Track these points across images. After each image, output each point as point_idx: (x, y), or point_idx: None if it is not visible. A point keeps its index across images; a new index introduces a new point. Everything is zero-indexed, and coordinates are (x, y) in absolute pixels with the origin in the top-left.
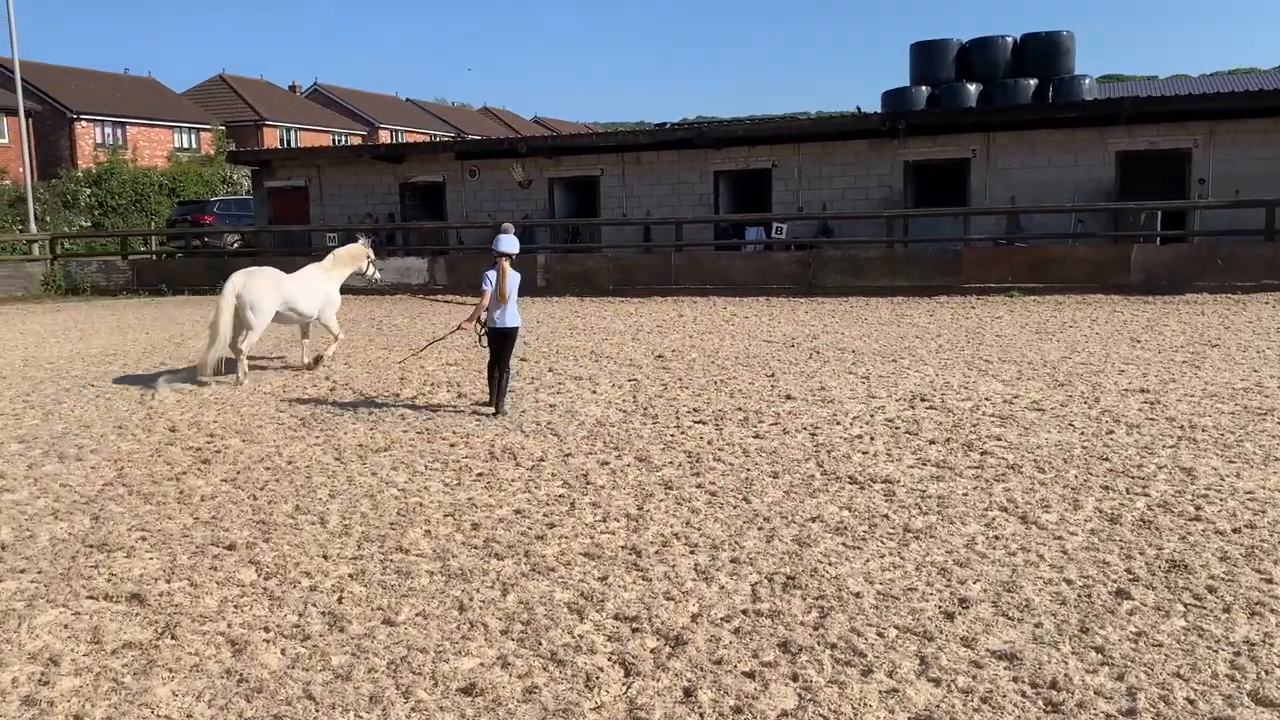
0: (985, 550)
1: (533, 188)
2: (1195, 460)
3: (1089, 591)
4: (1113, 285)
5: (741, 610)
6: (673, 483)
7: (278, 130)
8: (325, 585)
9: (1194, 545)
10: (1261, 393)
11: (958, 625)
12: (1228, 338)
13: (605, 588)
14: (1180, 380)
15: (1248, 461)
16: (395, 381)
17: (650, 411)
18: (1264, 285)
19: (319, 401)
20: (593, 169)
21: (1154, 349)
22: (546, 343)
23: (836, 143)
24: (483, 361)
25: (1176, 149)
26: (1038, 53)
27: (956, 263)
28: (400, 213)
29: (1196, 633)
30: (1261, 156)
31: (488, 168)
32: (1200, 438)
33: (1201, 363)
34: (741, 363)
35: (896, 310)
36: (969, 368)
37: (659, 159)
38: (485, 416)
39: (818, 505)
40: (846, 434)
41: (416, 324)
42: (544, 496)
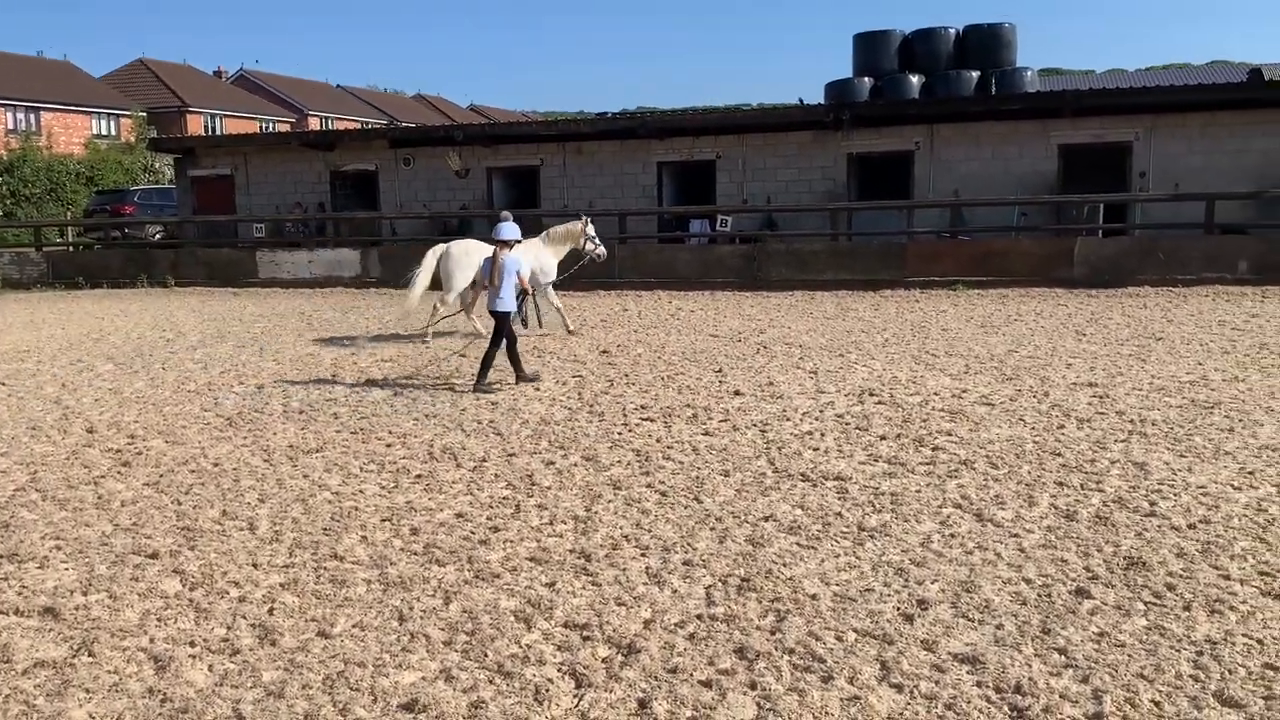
0: (941, 549)
1: (470, 177)
2: (1147, 455)
3: (1049, 591)
4: (1056, 278)
5: (696, 615)
6: (621, 483)
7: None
8: (255, 596)
9: (1151, 542)
10: (1207, 385)
11: (917, 627)
12: (1171, 331)
13: (553, 594)
14: (1128, 374)
15: (1199, 455)
16: (327, 379)
17: (596, 409)
18: (1204, 278)
19: (246, 400)
20: (533, 158)
21: (1100, 342)
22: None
23: (780, 134)
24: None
25: (1118, 142)
26: (980, 45)
27: (901, 256)
28: (331, 202)
29: (1158, 632)
30: (1201, 150)
31: (423, 156)
32: (1151, 432)
33: (1147, 356)
34: (688, 358)
35: (842, 304)
36: (916, 362)
37: (601, 149)
38: (425, 415)
39: (770, 504)
40: (797, 430)
41: (349, 318)
42: (487, 499)
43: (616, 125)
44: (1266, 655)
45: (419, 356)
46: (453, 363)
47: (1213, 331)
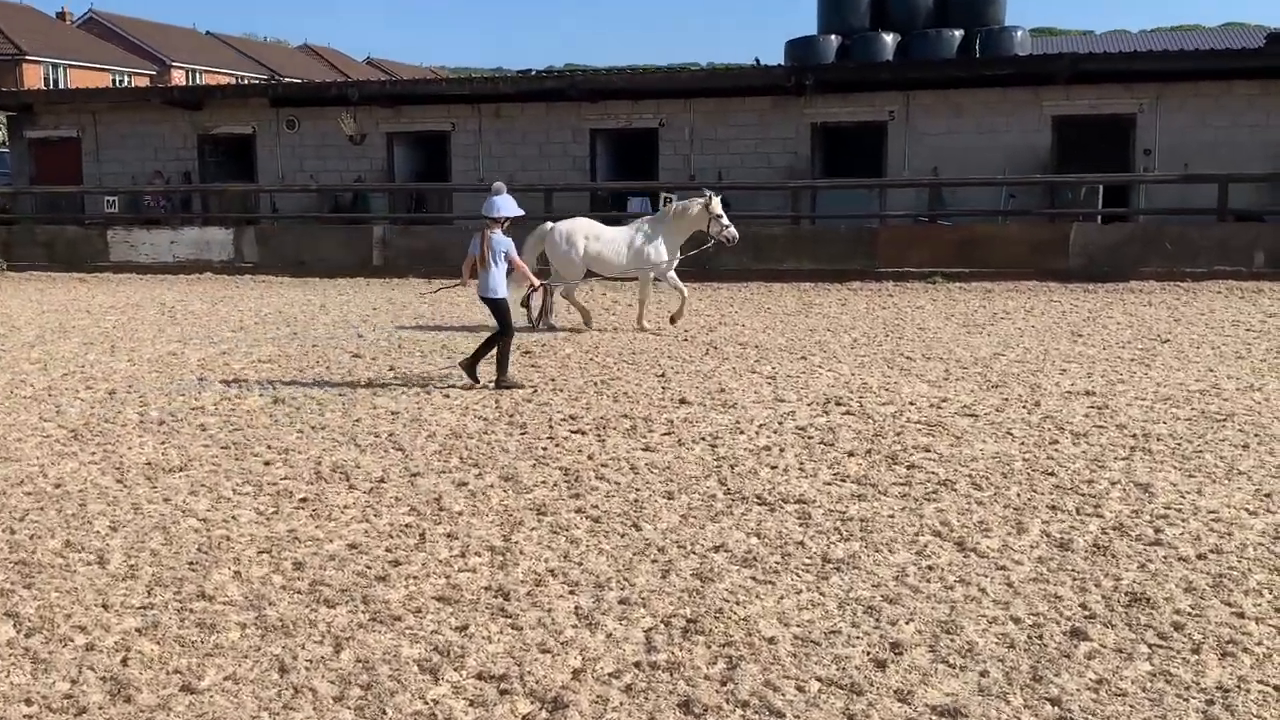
0: (918, 583)
1: (366, 143)
2: (1151, 474)
3: (1040, 632)
4: (1049, 270)
5: (634, 663)
6: (546, 507)
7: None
8: (106, 643)
9: (1155, 575)
10: (1219, 395)
11: (890, 675)
12: (1179, 332)
13: (465, 640)
14: (1129, 381)
15: (1209, 476)
16: (193, 383)
17: (517, 419)
18: (1216, 272)
19: (95, 408)
20: (442, 122)
21: (1098, 345)
22: (386, 335)
23: (734, 99)
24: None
25: (1120, 114)
26: (963, 0)
27: (872, 243)
28: (199, 172)
29: (1164, 678)
30: (1214, 124)
31: (310, 118)
32: (1155, 448)
33: (1152, 361)
34: (626, 360)
35: (804, 298)
36: (889, 366)
37: (523, 113)
38: (311, 427)
39: (721, 531)
40: (752, 445)
41: (220, 310)
42: (386, 527)
43: (542, 86)
44: None
45: (303, 357)
46: (343, 363)
47: (1225, 333)
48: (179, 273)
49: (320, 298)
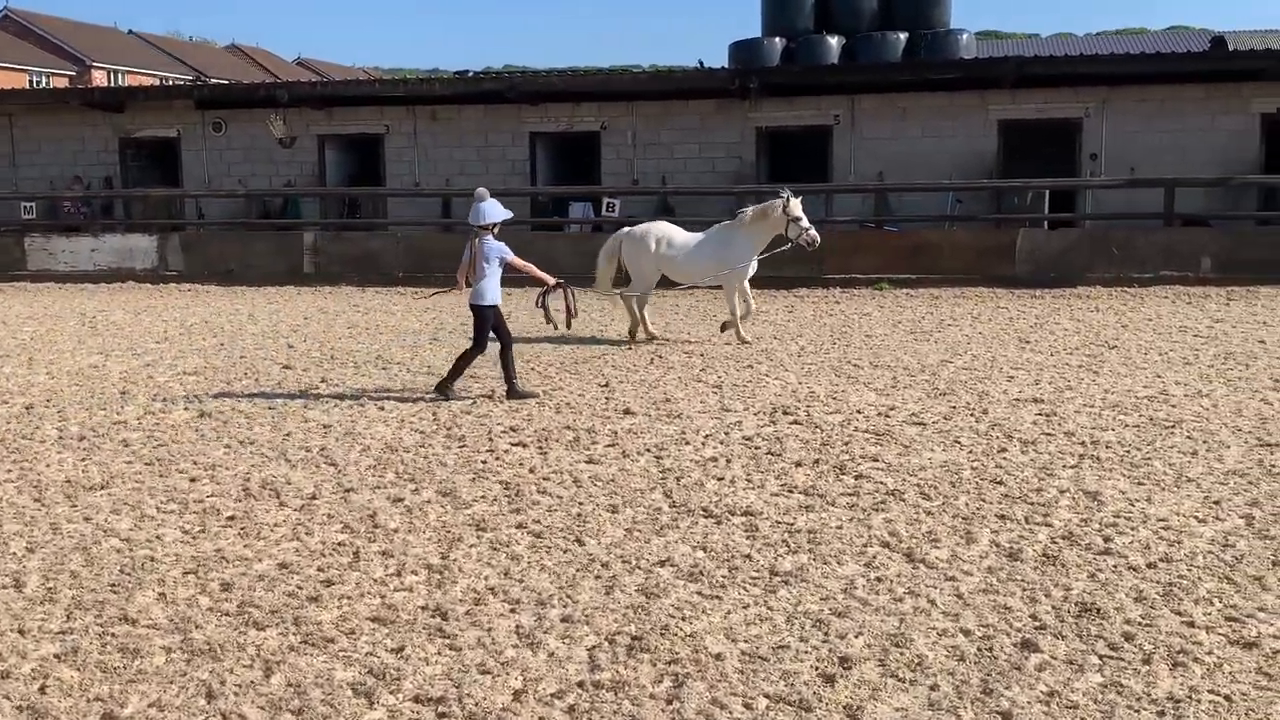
0: (867, 596)
1: (297, 147)
2: (1100, 483)
3: (990, 644)
4: (996, 276)
5: (577, 682)
6: (486, 522)
7: None
8: (22, 670)
9: (1106, 584)
10: (1168, 402)
11: (839, 691)
12: (1126, 338)
13: (401, 662)
14: (1077, 388)
15: (1158, 483)
16: (115, 397)
17: (455, 432)
18: (1163, 277)
19: (11, 424)
20: (375, 125)
21: (1046, 351)
22: (318, 345)
23: (677, 102)
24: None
25: (1066, 118)
26: (908, 2)
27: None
28: (121, 176)
29: (1115, 690)
30: (1160, 129)
31: (237, 120)
32: (1104, 455)
33: (1099, 367)
34: (568, 369)
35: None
36: (836, 374)
37: (461, 115)
38: (239, 441)
39: (666, 545)
40: (698, 456)
41: (143, 321)
42: (318, 545)
43: (480, 87)
44: (1235, 714)
45: (231, 369)
46: (273, 375)
47: (1173, 339)
48: (100, 282)
49: (249, 307)
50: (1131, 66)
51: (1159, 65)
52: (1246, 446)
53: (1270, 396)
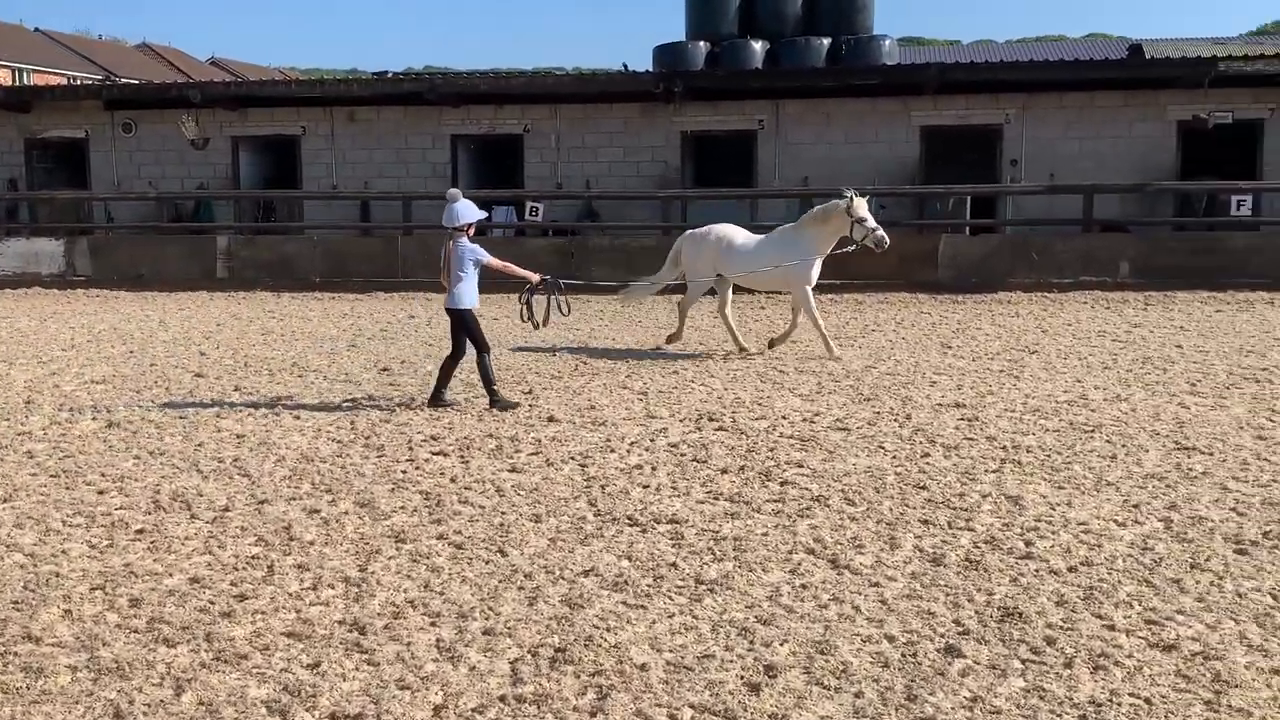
0: (792, 603)
1: (210, 148)
2: (1021, 487)
3: (914, 649)
4: (918, 282)
5: (499, 696)
6: (406, 534)
7: None
8: None
9: (1027, 589)
10: (1087, 406)
11: (765, 700)
12: (1046, 343)
13: (317, 678)
14: (999, 393)
15: (1078, 487)
16: (19, 406)
17: (374, 441)
18: (1082, 282)
19: None
20: (292, 126)
21: (968, 356)
22: (231, 352)
23: (602, 105)
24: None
25: (987, 125)
26: (831, 7)
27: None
28: (26, 178)
29: (1038, 694)
30: (1078, 135)
31: (148, 121)
32: (1025, 460)
33: (1020, 372)
34: None
35: (675, 310)
36: (761, 380)
37: (380, 117)
38: (149, 452)
39: (591, 555)
40: (623, 464)
41: (48, 327)
42: (231, 559)
43: (400, 88)
44: (1155, 716)
45: (141, 377)
46: (185, 383)
47: (1092, 344)
48: (4, 287)
49: (160, 313)
50: (1051, 74)
51: (1078, 73)
52: (1164, 450)
53: (1187, 401)
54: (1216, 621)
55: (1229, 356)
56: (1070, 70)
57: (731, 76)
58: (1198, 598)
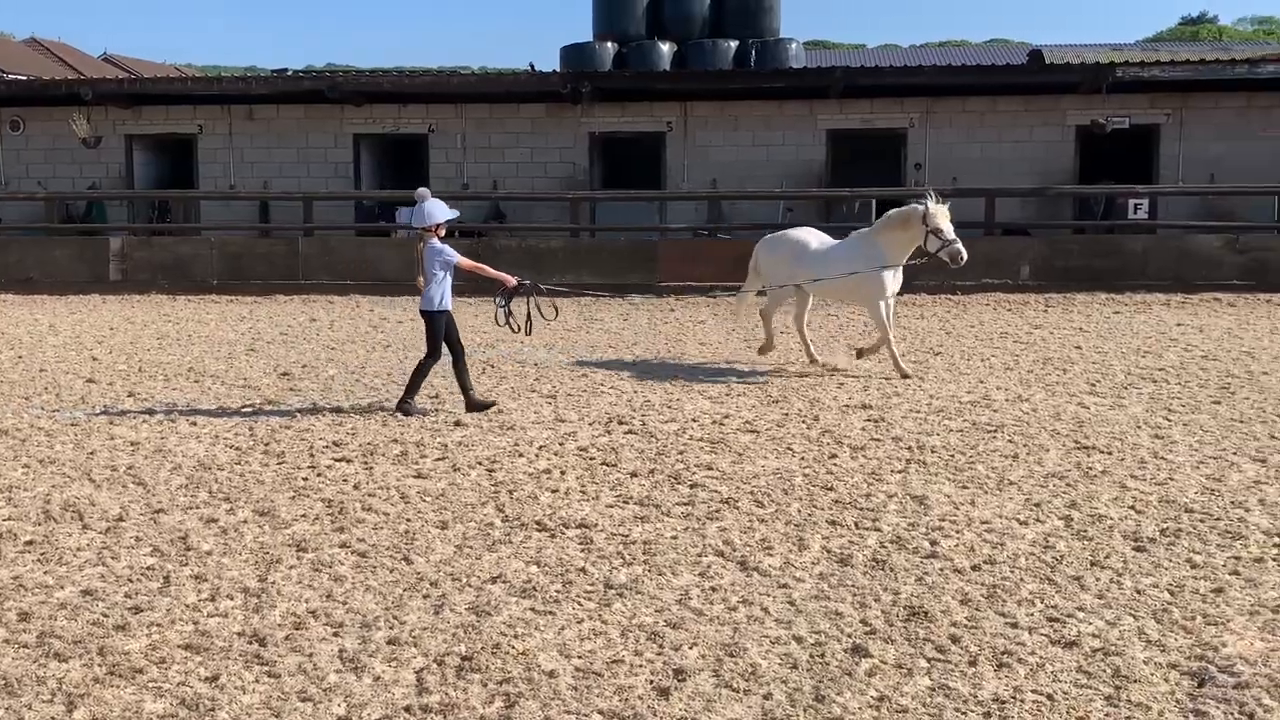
0: (701, 606)
1: (102, 147)
2: (926, 487)
3: (822, 650)
4: None
5: (404, 707)
6: (308, 542)
7: None
8: None
9: (932, 587)
10: (990, 407)
11: (674, 704)
12: (950, 344)
13: (216, 691)
14: (904, 394)
15: (981, 486)
16: None
17: (274, 448)
18: (984, 284)
19: None
20: (188, 125)
21: (873, 359)
22: (125, 357)
23: (508, 106)
24: None
25: (892, 128)
26: (738, 9)
27: (653, 257)
28: None
29: (943, 692)
30: (980, 140)
31: (37, 118)
32: (930, 460)
33: (925, 373)
34: (396, 381)
35: (585, 312)
36: (671, 383)
37: (280, 115)
38: (39, 460)
39: (499, 561)
40: (532, 468)
41: None
42: (125, 570)
43: (300, 87)
44: (1058, 712)
45: (30, 383)
46: (76, 389)
47: (994, 345)
48: None
49: (49, 317)
50: (953, 78)
51: (980, 77)
52: (1065, 449)
53: (1087, 400)
54: (1116, 618)
55: (1127, 357)
56: (972, 75)
57: (639, 78)
58: (1098, 595)
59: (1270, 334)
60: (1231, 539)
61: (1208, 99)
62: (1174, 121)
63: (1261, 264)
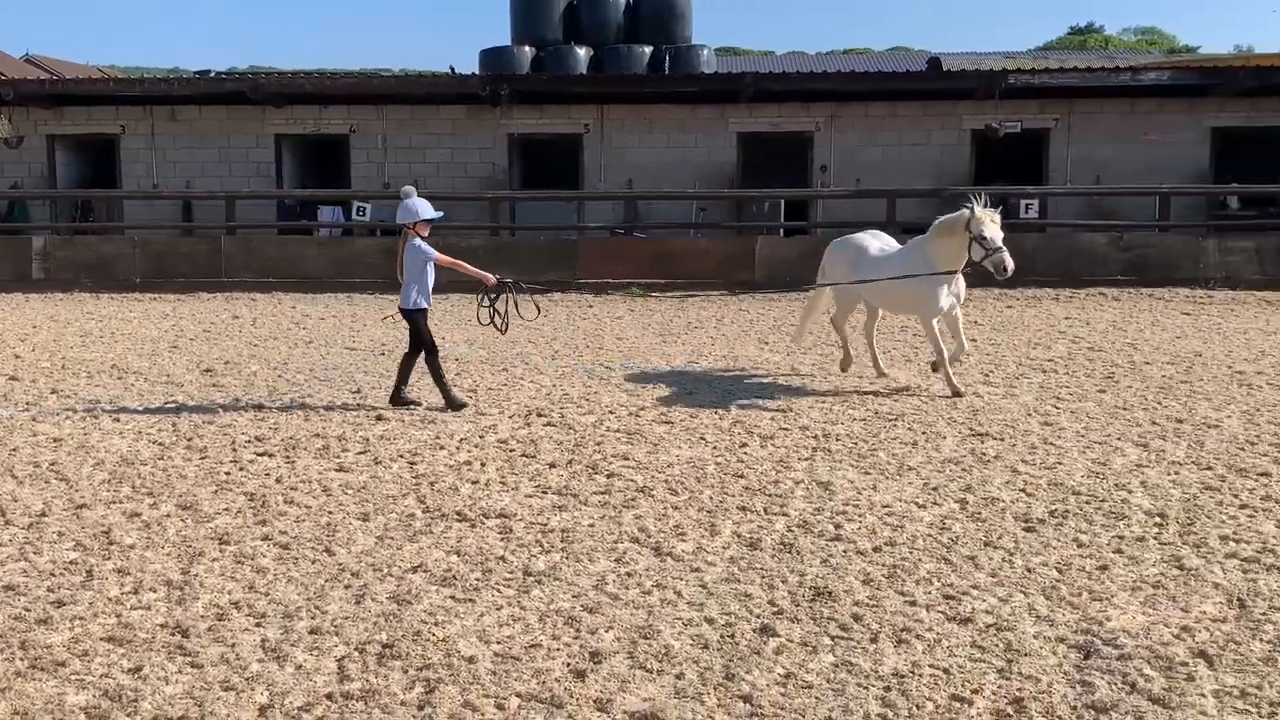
0: (617, 591)
1: (24, 147)
2: (831, 473)
3: (732, 631)
4: (737, 281)
5: (325, 694)
6: (230, 535)
7: None
8: None
9: (836, 569)
10: (890, 396)
11: (590, 685)
12: (854, 337)
13: (139, 682)
14: (810, 385)
15: (883, 472)
16: None
17: (196, 443)
18: None
19: None
20: (110, 125)
21: (782, 351)
22: (48, 354)
23: (428, 107)
24: None
25: (799, 132)
26: (653, 16)
27: (572, 255)
28: None
29: (846, 668)
30: (881, 144)
31: None
32: (834, 448)
33: (830, 365)
34: (318, 376)
35: None
36: (589, 376)
37: (202, 116)
38: None
39: (419, 551)
40: (453, 460)
41: None
42: (47, 565)
43: (222, 88)
44: (953, 685)
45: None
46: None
47: (896, 338)
48: None
49: None
50: (857, 84)
51: (881, 84)
52: (960, 436)
53: (980, 390)
54: (1008, 595)
55: (1018, 349)
56: (874, 81)
57: (557, 81)
58: (991, 573)
59: (1151, 326)
60: (1115, 519)
61: (1094, 104)
62: (1063, 126)
63: (1143, 260)
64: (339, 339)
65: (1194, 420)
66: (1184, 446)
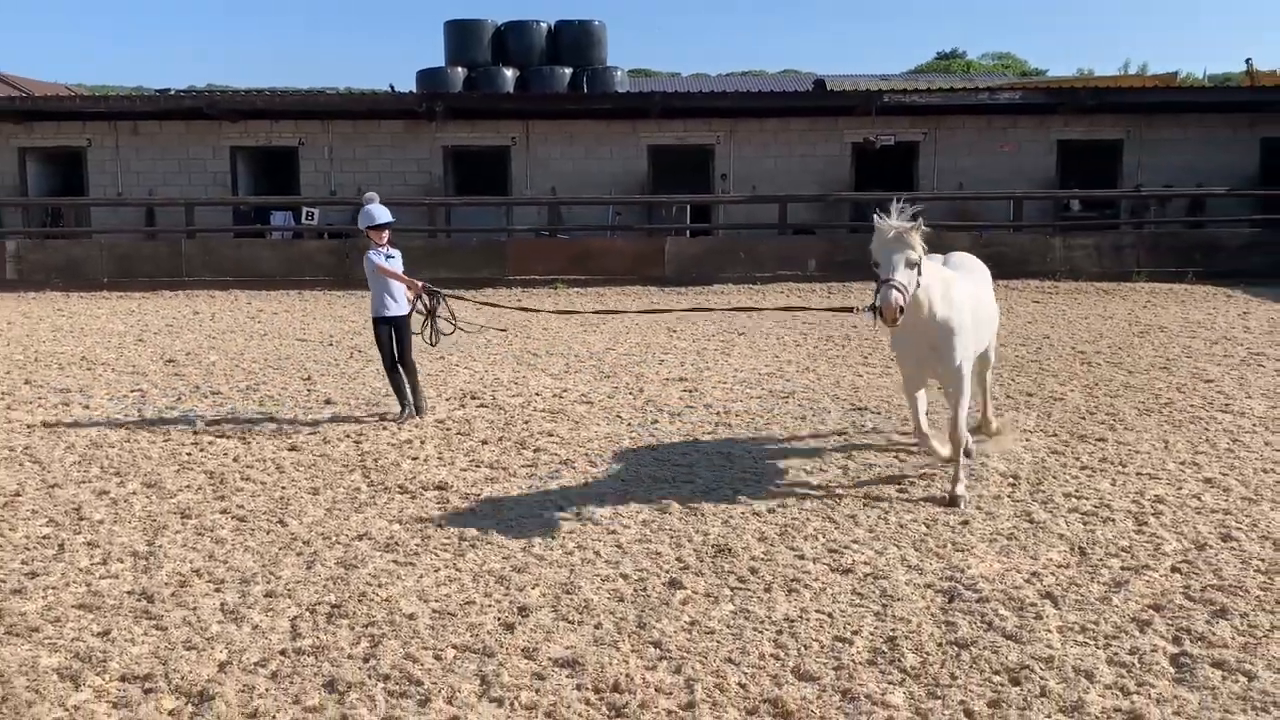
0: (543, 552)
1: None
2: (732, 445)
3: (644, 585)
4: (649, 277)
5: (279, 651)
6: (191, 510)
7: None
8: None
9: (736, 529)
10: (783, 377)
11: (518, 636)
12: (752, 327)
13: (108, 644)
14: (714, 368)
15: (777, 443)
16: None
17: (160, 427)
18: (779, 276)
19: None
20: (78, 139)
21: (689, 339)
22: (22, 348)
23: (370, 122)
24: None
25: (702, 144)
26: (572, 41)
27: (502, 254)
28: None
29: (743, 615)
30: (773, 155)
31: None
32: (735, 423)
33: (731, 350)
34: (272, 365)
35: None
36: (518, 363)
37: (162, 130)
38: None
39: (364, 521)
40: (395, 439)
41: None
42: (22, 540)
43: (181, 105)
44: (836, 628)
45: None
46: None
47: (788, 326)
48: None
49: None
50: (752, 102)
51: (773, 102)
52: (843, 410)
53: (861, 370)
54: (883, 548)
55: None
56: (767, 100)
57: (486, 98)
58: (869, 529)
59: (1007, 313)
60: (975, 480)
61: (957, 120)
62: (930, 139)
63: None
64: (291, 331)
65: (1042, 394)
66: (1034, 416)
